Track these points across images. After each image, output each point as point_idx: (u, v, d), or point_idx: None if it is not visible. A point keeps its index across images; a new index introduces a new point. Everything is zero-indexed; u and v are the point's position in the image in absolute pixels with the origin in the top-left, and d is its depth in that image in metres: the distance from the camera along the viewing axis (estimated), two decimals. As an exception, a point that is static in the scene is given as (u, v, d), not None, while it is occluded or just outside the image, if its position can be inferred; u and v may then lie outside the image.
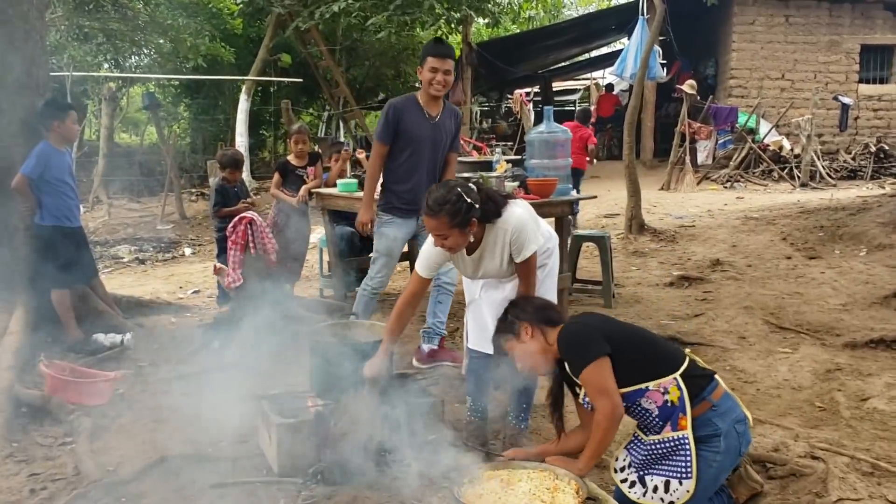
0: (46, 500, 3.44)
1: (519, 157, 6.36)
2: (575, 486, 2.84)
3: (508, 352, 3.21)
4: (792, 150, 15.99)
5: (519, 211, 3.55)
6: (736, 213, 10.99)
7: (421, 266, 3.64)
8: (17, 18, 5.24)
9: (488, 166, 6.04)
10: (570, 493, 2.81)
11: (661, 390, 2.91)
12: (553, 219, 6.05)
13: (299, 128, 7.15)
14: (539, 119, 19.47)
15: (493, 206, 3.47)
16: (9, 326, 4.93)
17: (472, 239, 3.47)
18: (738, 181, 15.42)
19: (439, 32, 18.87)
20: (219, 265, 5.85)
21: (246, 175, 16.11)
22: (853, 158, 16.55)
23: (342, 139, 20.21)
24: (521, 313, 3.20)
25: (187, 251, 11.46)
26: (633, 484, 3.03)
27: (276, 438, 3.63)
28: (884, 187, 13.69)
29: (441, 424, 3.88)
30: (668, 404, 2.91)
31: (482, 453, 3.59)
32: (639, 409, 2.95)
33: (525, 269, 3.59)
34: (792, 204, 11.26)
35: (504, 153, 6.68)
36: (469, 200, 3.28)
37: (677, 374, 2.93)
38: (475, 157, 6.91)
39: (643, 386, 2.91)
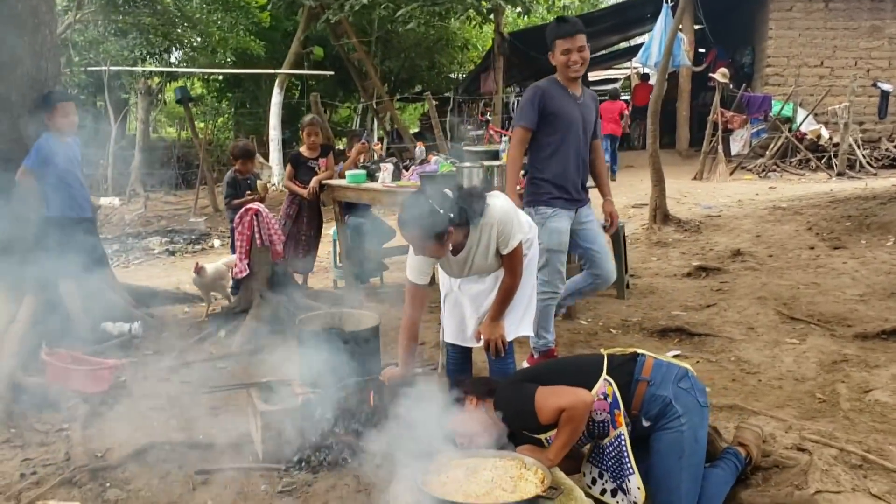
0: (34, 484, 3.52)
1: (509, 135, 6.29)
2: (541, 475, 2.83)
3: (453, 427, 3.15)
4: (830, 138, 15.62)
5: (500, 202, 3.53)
6: (766, 203, 10.79)
7: (412, 274, 3.64)
8: (27, 12, 5.33)
9: (495, 155, 6.01)
10: (533, 481, 2.80)
11: (601, 396, 2.97)
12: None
13: (311, 119, 7.19)
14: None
15: (475, 205, 3.44)
16: (17, 315, 5.03)
17: (453, 244, 3.46)
18: (774, 171, 15.12)
19: (472, 22, 18.88)
20: (200, 264, 5.84)
21: (278, 167, 16.30)
22: (895, 146, 16.12)
23: (372, 131, 20.35)
24: (466, 386, 3.26)
25: (216, 243, 11.60)
26: (614, 492, 3.03)
27: (261, 425, 3.67)
28: (924, 176, 13.33)
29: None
30: (608, 402, 2.98)
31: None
32: (591, 424, 3.00)
33: (510, 261, 3.57)
34: (824, 193, 11.01)
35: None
36: (442, 211, 3.26)
37: (604, 375, 3.00)
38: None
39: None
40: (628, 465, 2.90)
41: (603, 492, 3.04)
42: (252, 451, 3.80)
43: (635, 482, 2.89)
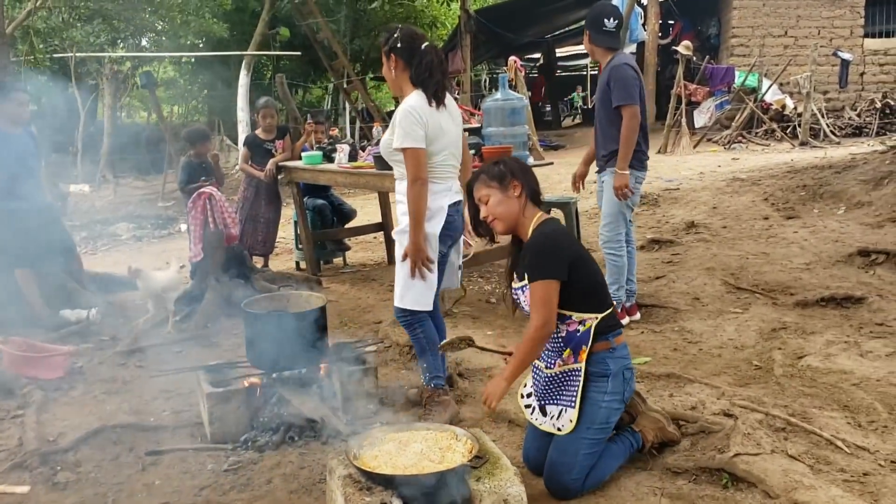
0: (-13, 469, 3.60)
1: (479, 125, 6.39)
2: (469, 445, 2.94)
3: (481, 195, 3.22)
4: (795, 108, 15.81)
5: (414, 99, 3.68)
6: (727, 175, 10.93)
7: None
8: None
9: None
10: (461, 451, 2.91)
11: (579, 321, 3.10)
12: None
13: (265, 102, 7.22)
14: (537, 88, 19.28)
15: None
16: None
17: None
18: (739, 142, 15.29)
19: (438, 0, 18.86)
20: (134, 267, 5.66)
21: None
22: (858, 115, 16.33)
23: (343, 111, 20.29)
24: (520, 174, 3.22)
25: (183, 227, 11.61)
26: (532, 410, 3.28)
27: (208, 407, 3.77)
28: (884, 143, 13.51)
29: (373, 391, 4.04)
30: (577, 333, 3.11)
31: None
32: (557, 329, 3.14)
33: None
34: (783, 164, 11.18)
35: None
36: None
37: (598, 315, 3.11)
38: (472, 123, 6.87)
39: (570, 314, 3.10)
40: (573, 398, 3.09)
41: (532, 410, 3.29)
42: (202, 432, 3.90)
43: (569, 415, 3.09)
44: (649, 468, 3.31)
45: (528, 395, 3.35)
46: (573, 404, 3.08)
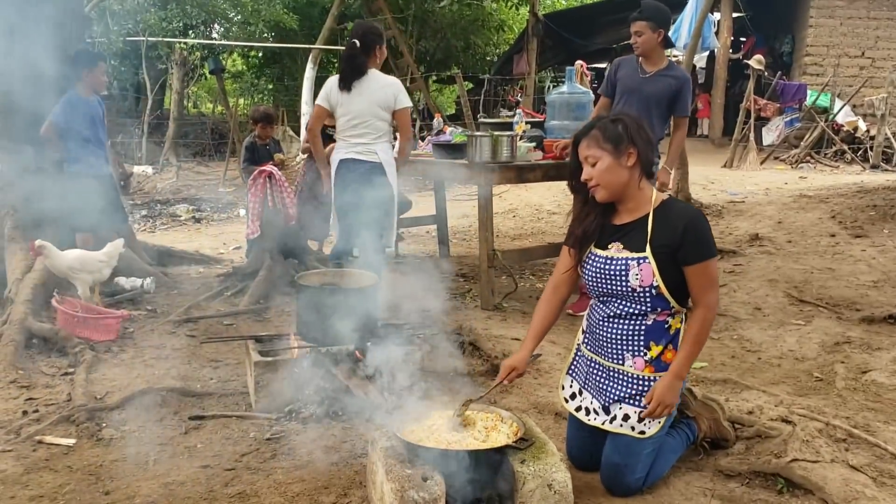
0: (34, 421, 3.63)
1: (542, 119, 6.31)
2: (515, 427, 2.87)
3: (589, 154, 2.86)
4: (867, 131, 15.35)
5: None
6: (793, 191, 10.65)
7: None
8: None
9: (509, 126, 6.02)
10: (506, 432, 2.84)
11: (670, 313, 2.89)
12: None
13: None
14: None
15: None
16: (33, 265, 5.18)
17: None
18: (807, 162, 14.89)
19: (508, 3, 18.80)
20: (38, 242, 4.98)
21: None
22: (934, 141, 15.77)
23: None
24: (639, 140, 2.85)
25: (242, 212, 11.75)
26: (588, 412, 3.04)
27: (255, 375, 3.76)
28: (960, 171, 13.06)
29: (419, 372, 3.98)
30: (666, 326, 2.89)
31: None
32: (643, 317, 2.90)
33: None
34: (853, 184, 10.84)
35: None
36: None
37: (685, 310, 2.93)
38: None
39: (671, 302, 2.86)
40: None
41: (589, 412, 3.05)
42: (247, 401, 3.89)
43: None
44: (701, 469, 3.19)
45: (574, 396, 3.12)
46: None
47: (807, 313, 5.42)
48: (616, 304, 2.91)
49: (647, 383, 2.89)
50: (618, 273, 2.86)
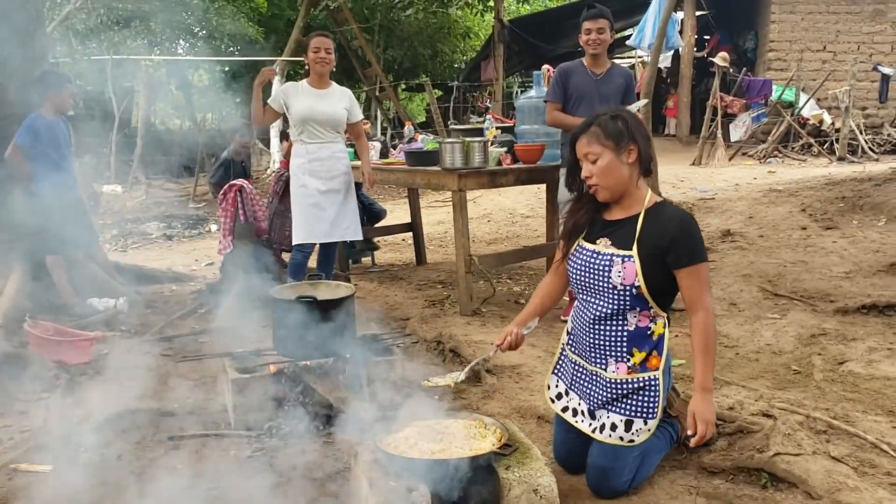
0: (10, 448, 3.57)
1: (512, 124, 6.33)
2: (498, 434, 2.86)
3: (589, 151, 2.86)
4: (833, 123, 15.56)
5: None
6: (762, 186, 10.75)
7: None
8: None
9: (480, 132, 6.02)
10: (490, 439, 2.82)
11: (652, 318, 2.87)
12: (544, 185, 6.04)
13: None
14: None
15: None
16: (4, 289, 5.09)
17: None
18: (775, 156, 15.06)
19: (473, 10, 18.85)
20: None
21: (278, 155, 16.33)
22: (898, 132, 16.03)
23: (376, 118, 20.32)
24: (639, 137, 2.85)
25: (213, 227, 11.67)
26: (574, 413, 3.04)
27: (233, 393, 3.71)
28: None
29: (399, 382, 3.96)
30: (649, 333, 2.88)
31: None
32: (622, 319, 2.88)
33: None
34: (821, 177, 10.97)
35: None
36: None
37: (666, 315, 2.92)
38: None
39: (651, 304, 2.85)
40: (649, 409, 2.86)
41: (576, 413, 3.04)
42: (225, 419, 3.84)
43: (648, 426, 2.88)
44: (684, 467, 3.19)
45: (560, 397, 3.13)
46: (653, 415, 2.86)
47: (782, 307, 5.46)
48: (596, 305, 2.91)
49: (628, 386, 2.88)
50: (601, 268, 2.86)
